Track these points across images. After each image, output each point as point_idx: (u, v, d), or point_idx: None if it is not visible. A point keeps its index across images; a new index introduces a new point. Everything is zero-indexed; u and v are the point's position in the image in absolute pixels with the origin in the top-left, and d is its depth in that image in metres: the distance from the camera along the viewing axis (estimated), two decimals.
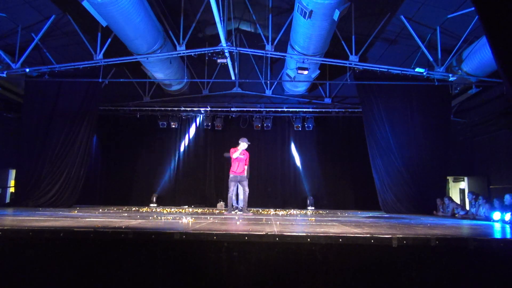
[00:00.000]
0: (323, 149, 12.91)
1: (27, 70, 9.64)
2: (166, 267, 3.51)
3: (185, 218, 5.74)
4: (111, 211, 8.08)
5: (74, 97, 10.51)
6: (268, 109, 12.63)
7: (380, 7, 8.87)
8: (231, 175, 8.01)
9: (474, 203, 8.66)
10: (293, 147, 13.04)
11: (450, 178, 12.69)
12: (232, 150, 8.12)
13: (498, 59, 3.40)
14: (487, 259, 3.50)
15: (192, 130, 13.19)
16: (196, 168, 13.03)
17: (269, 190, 12.73)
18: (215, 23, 7.72)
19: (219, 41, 8.75)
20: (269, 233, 3.64)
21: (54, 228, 3.97)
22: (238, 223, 5.29)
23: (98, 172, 12.70)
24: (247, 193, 8.09)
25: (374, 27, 9.39)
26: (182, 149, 13.11)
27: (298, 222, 5.57)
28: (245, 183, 8.10)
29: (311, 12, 7.15)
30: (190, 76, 11.90)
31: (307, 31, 8.03)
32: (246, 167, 8.20)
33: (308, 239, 3.55)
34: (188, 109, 12.68)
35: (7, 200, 11.49)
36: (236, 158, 7.99)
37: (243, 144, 8.12)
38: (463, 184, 12.42)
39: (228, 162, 8.83)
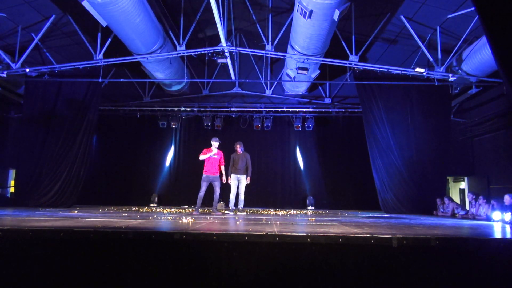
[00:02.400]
0: (323, 149, 12.90)
1: (27, 70, 9.64)
2: (166, 267, 3.51)
3: (185, 218, 5.74)
4: (111, 211, 8.08)
5: (74, 97, 10.51)
6: (268, 109, 12.62)
7: (380, 7, 8.87)
8: (204, 175, 7.88)
9: (474, 203, 8.65)
10: (293, 147, 13.03)
11: (450, 178, 12.70)
12: (205, 150, 8.03)
13: (498, 59, 3.39)
14: (487, 259, 3.49)
15: (192, 130, 13.17)
16: (196, 168, 13.00)
17: (269, 190, 12.72)
18: (215, 23, 7.72)
19: (219, 41, 8.76)
20: (269, 233, 3.64)
21: (54, 228, 3.97)
22: (238, 223, 5.29)
23: (98, 172, 12.68)
24: (218, 194, 7.90)
25: (374, 27, 9.40)
26: (182, 149, 13.10)
27: (298, 222, 5.57)
28: (217, 183, 7.92)
29: (311, 12, 7.15)
30: (190, 76, 11.90)
31: (307, 31, 8.03)
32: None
33: (308, 239, 3.55)
34: (188, 109, 12.68)
35: (7, 200, 11.48)
36: (209, 158, 7.90)
37: (215, 144, 8.02)
38: (463, 184, 12.42)
39: (227, 162, 8.82)
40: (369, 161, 10.45)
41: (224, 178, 8.22)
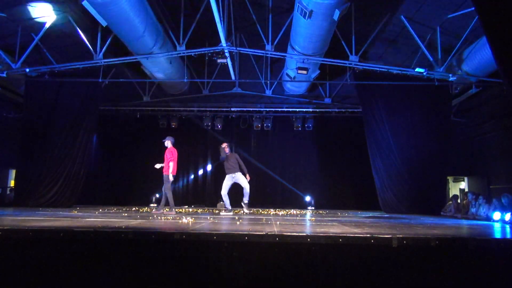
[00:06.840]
0: (323, 149, 12.89)
1: (27, 70, 9.64)
2: (166, 267, 3.51)
3: (185, 218, 5.74)
4: (111, 211, 8.08)
5: (74, 97, 10.48)
6: (268, 109, 12.61)
7: (380, 7, 8.86)
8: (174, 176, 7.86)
9: (474, 203, 8.65)
10: (293, 147, 13.02)
11: (450, 178, 12.68)
12: (175, 153, 7.98)
13: (498, 59, 3.40)
14: (487, 259, 3.50)
15: (192, 130, 13.16)
16: (196, 168, 13.02)
17: (269, 190, 12.71)
18: (215, 23, 7.72)
19: (219, 41, 8.75)
20: (269, 233, 3.64)
21: (54, 228, 3.97)
22: (238, 223, 5.29)
23: (98, 172, 12.67)
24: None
25: (374, 27, 9.39)
26: (181, 149, 13.07)
27: (298, 222, 5.57)
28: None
29: (311, 12, 7.15)
30: (190, 76, 11.88)
31: (307, 31, 8.03)
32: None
33: (308, 239, 3.55)
34: (188, 109, 12.67)
35: (7, 200, 11.48)
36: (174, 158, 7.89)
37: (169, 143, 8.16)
38: (463, 184, 12.42)
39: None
40: (369, 161, 10.44)
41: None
